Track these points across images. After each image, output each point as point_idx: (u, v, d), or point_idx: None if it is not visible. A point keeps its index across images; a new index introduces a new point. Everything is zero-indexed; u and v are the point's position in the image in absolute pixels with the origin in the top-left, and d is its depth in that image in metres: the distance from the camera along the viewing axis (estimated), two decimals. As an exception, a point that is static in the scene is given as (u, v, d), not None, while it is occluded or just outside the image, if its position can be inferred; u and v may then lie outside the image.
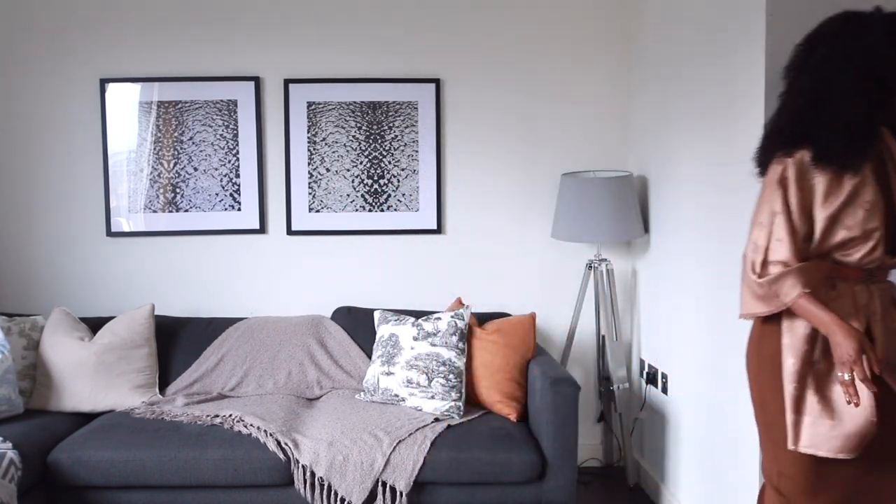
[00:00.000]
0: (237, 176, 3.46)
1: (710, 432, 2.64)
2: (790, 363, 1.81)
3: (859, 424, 1.75)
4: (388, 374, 2.99)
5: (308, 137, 3.46)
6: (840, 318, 1.73)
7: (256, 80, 3.43)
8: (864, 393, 1.73)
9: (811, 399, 1.79)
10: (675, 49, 2.93)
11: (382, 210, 3.50)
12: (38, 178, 3.43)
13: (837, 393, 1.77)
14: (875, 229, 1.77)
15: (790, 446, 1.81)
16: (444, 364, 2.92)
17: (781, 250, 1.78)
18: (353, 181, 3.48)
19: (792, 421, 1.80)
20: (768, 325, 1.88)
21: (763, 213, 1.82)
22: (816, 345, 1.80)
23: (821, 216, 1.77)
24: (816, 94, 1.77)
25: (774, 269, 1.78)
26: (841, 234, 1.77)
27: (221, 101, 3.43)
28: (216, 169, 3.46)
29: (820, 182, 1.75)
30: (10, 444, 2.50)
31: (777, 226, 1.78)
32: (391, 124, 3.46)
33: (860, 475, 1.81)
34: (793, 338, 1.82)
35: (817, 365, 1.80)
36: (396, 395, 2.96)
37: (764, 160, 1.88)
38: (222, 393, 3.14)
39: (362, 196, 3.49)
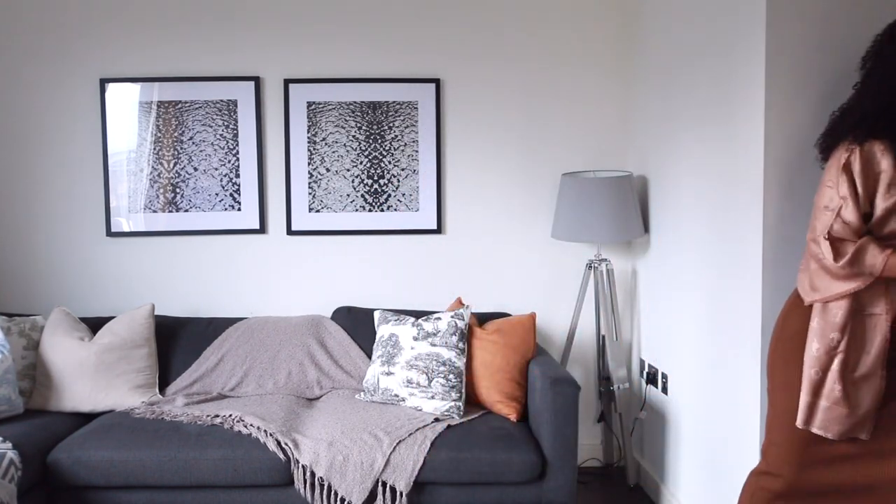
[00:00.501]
0: (237, 176, 3.46)
1: (710, 432, 2.64)
2: (815, 348, 1.86)
3: (868, 409, 1.83)
4: (388, 374, 2.99)
5: (308, 137, 3.46)
6: None
7: (256, 80, 3.43)
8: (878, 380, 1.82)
9: (833, 386, 1.84)
10: (676, 49, 2.93)
11: (382, 210, 3.50)
12: (38, 178, 3.43)
13: (860, 383, 1.83)
14: None
15: (800, 425, 1.88)
16: (444, 364, 2.92)
17: (848, 232, 1.82)
18: (353, 181, 3.48)
19: (807, 403, 1.87)
20: (799, 305, 1.93)
21: (825, 197, 1.86)
22: (846, 333, 1.83)
23: (881, 205, 1.81)
24: None
25: (846, 248, 1.81)
26: (892, 226, 1.82)
27: (221, 101, 3.44)
28: (216, 169, 3.46)
29: (886, 172, 1.79)
30: (10, 444, 2.50)
31: (846, 210, 1.82)
32: (391, 124, 3.46)
33: (852, 455, 1.88)
34: (823, 323, 1.86)
35: (842, 354, 1.83)
36: (396, 395, 2.96)
37: (829, 145, 1.91)
38: (222, 393, 3.14)
39: (362, 196, 3.49)
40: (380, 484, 2.55)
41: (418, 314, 3.25)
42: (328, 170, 3.48)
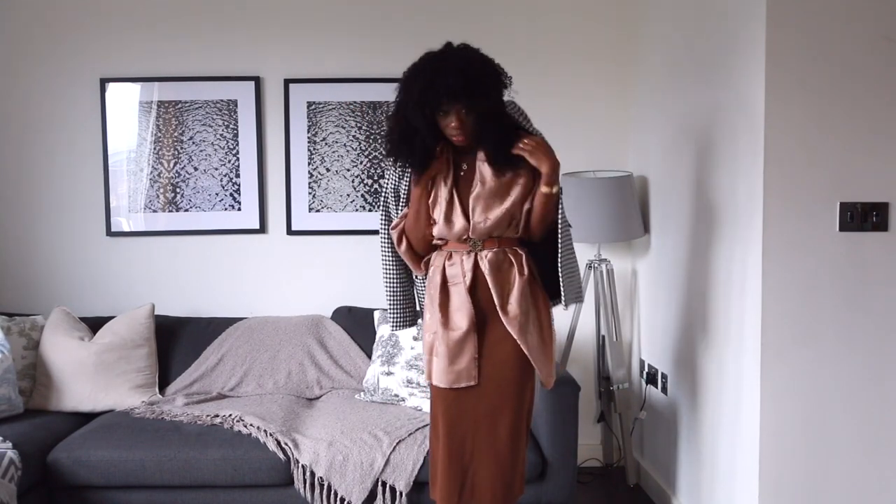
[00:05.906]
0: (237, 176, 3.46)
1: (710, 432, 2.64)
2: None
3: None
4: (388, 373, 2.99)
5: (308, 137, 3.46)
6: None
7: (256, 80, 3.43)
8: None
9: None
10: (676, 49, 2.93)
11: (382, 210, 3.49)
12: (38, 178, 3.43)
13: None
14: None
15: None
16: (444, 364, 2.92)
17: None
18: (353, 181, 3.48)
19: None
20: None
21: None
22: None
23: None
24: None
25: None
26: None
27: (221, 100, 3.44)
28: (216, 169, 3.46)
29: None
30: (10, 444, 2.50)
31: None
32: (391, 124, 3.46)
33: None
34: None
35: None
36: (396, 395, 2.96)
37: None
38: (222, 393, 3.14)
39: (362, 196, 3.49)
40: (380, 484, 2.55)
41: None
42: (328, 170, 3.48)
